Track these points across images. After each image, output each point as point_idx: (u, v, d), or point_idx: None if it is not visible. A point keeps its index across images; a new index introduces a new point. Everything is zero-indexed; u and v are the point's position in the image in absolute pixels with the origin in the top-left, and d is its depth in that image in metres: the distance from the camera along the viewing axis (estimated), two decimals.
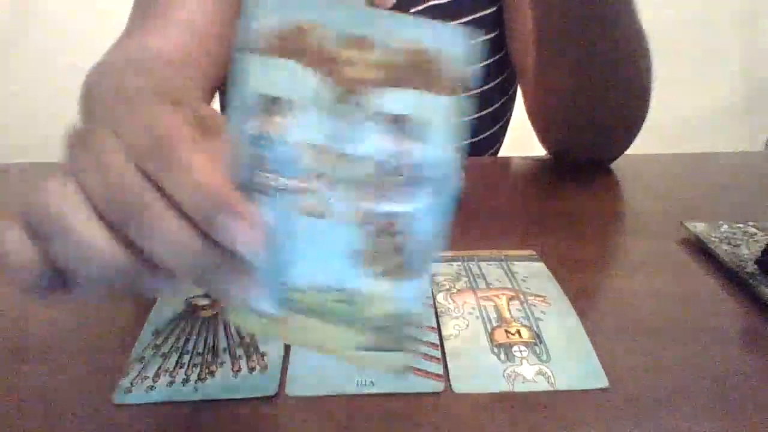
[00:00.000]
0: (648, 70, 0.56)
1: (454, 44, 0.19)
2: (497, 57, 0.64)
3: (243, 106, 0.20)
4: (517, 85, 0.67)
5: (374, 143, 0.20)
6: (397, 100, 0.19)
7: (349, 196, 0.20)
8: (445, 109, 0.19)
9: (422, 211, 0.20)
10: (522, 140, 0.68)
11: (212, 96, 0.55)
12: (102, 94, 0.39)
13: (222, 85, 0.55)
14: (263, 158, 0.20)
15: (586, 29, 0.50)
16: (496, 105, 0.67)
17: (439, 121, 0.19)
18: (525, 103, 0.63)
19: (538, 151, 0.65)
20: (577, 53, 0.52)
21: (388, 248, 0.21)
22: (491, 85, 0.65)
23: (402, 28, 0.19)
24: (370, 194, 0.20)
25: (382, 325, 0.22)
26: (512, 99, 0.70)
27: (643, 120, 0.59)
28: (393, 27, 0.19)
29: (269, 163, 0.20)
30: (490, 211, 0.50)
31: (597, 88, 0.54)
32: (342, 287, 0.21)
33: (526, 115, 0.63)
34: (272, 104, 0.20)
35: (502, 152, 0.75)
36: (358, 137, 0.20)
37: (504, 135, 0.74)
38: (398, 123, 0.19)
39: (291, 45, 0.20)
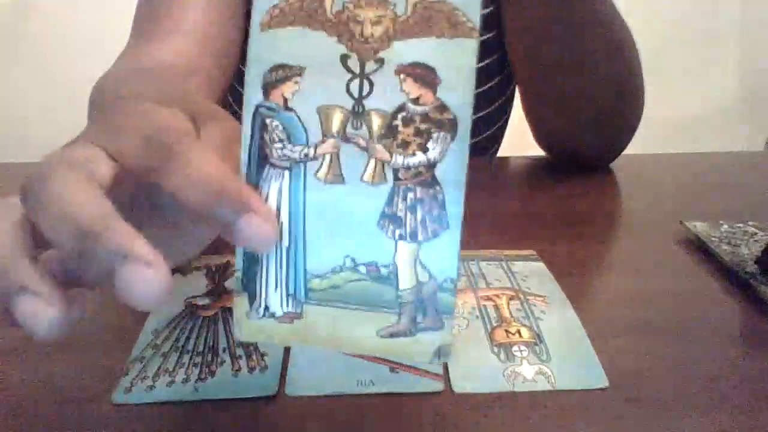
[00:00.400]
0: (639, 67, 0.56)
1: None
2: (495, 57, 0.64)
3: (254, 81, 0.20)
4: (515, 85, 0.67)
5: (390, 94, 0.19)
6: (413, 50, 0.19)
7: (364, 153, 0.20)
8: (461, 54, 0.19)
9: (442, 159, 0.19)
10: (522, 140, 0.68)
11: (221, 97, 0.55)
12: (102, 105, 0.39)
13: (230, 86, 0.55)
14: (274, 129, 0.20)
15: (565, 31, 0.51)
16: (495, 105, 0.67)
17: (454, 65, 0.19)
18: (521, 102, 0.63)
19: (538, 151, 0.65)
20: (562, 52, 0.53)
21: (410, 203, 0.20)
22: (490, 85, 0.65)
23: None
24: (386, 147, 0.20)
25: (415, 298, 0.20)
26: (511, 99, 0.70)
27: (638, 119, 0.59)
28: None
29: (280, 132, 0.20)
30: (490, 211, 0.50)
31: (590, 88, 0.55)
32: (367, 260, 0.20)
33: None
34: (282, 73, 0.20)
35: (502, 152, 0.75)
36: (373, 92, 0.19)
37: (503, 135, 0.74)
38: (414, 71, 0.19)
39: (300, 14, 0.19)
